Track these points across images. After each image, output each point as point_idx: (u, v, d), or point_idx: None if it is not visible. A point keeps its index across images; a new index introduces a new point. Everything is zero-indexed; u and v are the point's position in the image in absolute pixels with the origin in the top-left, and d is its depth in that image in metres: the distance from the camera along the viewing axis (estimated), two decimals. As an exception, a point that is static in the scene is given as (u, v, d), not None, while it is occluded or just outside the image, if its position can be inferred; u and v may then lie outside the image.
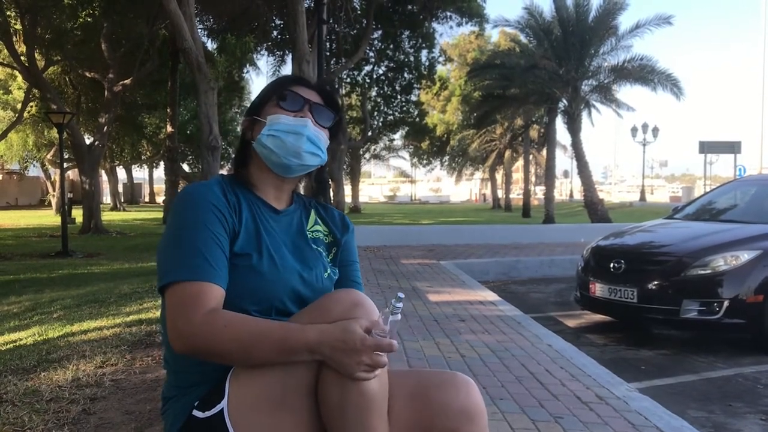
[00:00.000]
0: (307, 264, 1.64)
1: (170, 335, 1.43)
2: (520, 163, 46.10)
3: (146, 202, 54.38)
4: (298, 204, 1.76)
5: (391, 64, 26.33)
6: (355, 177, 45.81)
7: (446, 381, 1.52)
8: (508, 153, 43.17)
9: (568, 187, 63.06)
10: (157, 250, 1.56)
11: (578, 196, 40.70)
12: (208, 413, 1.45)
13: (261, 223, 1.62)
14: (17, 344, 4.83)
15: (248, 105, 1.73)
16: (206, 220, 1.50)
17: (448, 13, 23.52)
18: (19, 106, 26.38)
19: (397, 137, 47.20)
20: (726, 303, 5.33)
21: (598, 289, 6.04)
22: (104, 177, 40.97)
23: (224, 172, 1.83)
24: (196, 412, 1.47)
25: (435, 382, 1.50)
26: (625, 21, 61.79)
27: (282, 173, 1.65)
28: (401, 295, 1.41)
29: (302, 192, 1.84)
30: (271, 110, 1.64)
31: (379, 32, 24.17)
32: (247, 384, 1.42)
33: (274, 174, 1.66)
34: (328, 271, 1.69)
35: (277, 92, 1.66)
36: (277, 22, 22.52)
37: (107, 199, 42.26)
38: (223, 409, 1.42)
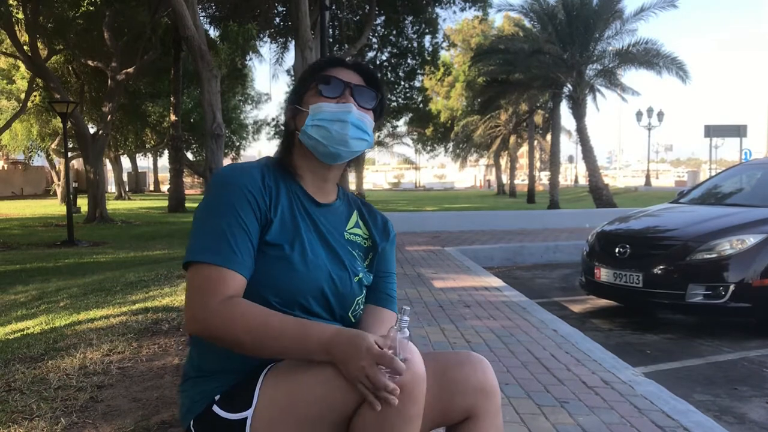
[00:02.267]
0: (340, 265, 1.60)
1: (185, 316, 1.43)
2: (524, 148, 46.04)
3: (151, 191, 54.46)
4: (343, 200, 1.72)
5: (395, 50, 26.25)
6: (359, 164, 45.28)
7: (462, 360, 1.54)
8: (512, 139, 43.05)
9: (572, 173, 62.90)
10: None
11: (583, 181, 40.63)
12: (230, 415, 1.43)
13: (299, 214, 1.58)
14: (25, 333, 4.86)
15: (252, 93, 1.71)
16: (237, 204, 1.48)
17: (452, -2, 23.40)
18: (22, 95, 26.41)
19: (401, 124, 47.21)
20: (732, 287, 5.32)
21: (604, 274, 6.03)
22: (109, 166, 41.10)
23: (268, 155, 1.79)
24: (217, 409, 1.46)
25: (452, 362, 1.51)
26: (629, 4, 61.34)
27: (330, 161, 1.62)
28: (407, 308, 1.40)
29: None
30: (313, 99, 1.60)
31: (382, 18, 24.06)
32: (279, 399, 1.40)
33: (319, 162, 1.62)
34: (360, 275, 1.64)
35: (316, 78, 1.62)
36: (280, 8, 22.44)
37: (112, 188, 42.39)
38: (247, 418, 1.41)
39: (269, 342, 1.38)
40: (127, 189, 42.37)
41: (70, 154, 23.05)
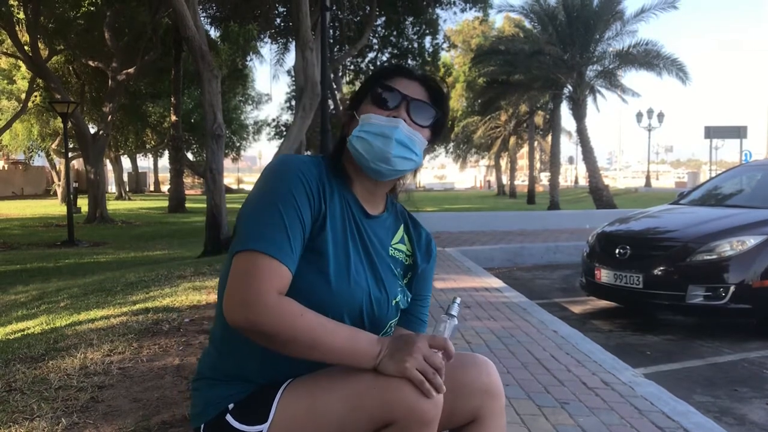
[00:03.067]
0: (380, 285, 1.53)
1: (231, 301, 1.34)
2: (525, 149, 46.04)
3: (151, 191, 54.48)
4: (391, 212, 1.64)
5: (395, 51, 26.19)
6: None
7: (468, 362, 1.54)
8: (512, 139, 43.06)
9: (573, 174, 62.89)
10: (239, 213, 1.46)
11: (583, 182, 40.61)
12: (245, 427, 1.41)
13: (348, 223, 1.51)
14: (25, 333, 4.86)
15: (252, 93, 1.68)
16: (297, 196, 1.40)
17: (452, -1, 23.38)
18: (23, 95, 26.44)
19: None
20: (732, 288, 5.32)
21: (604, 274, 6.03)
22: (109, 166, 41.09)
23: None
24: (230, 419, 1.43)
25: (457, 363, 1.48)
26: (630, 5, 61.33)
27: (373, 177, 1.53)
28: (458, 299, 1.41)
29: None
30: (367, 107, 1.52)
31: (383, 19, 24.03)
32: (297, 416, 1.38)
33: (366, 176, 1.54)
34: (399, 297, 1.58)
35: (374, 87, 1.53)
36: (280, 9, 22.41)
37: (112, 188, 42.38)
38: (262, 431, 1.40)
39: (325, 339, 1.34)
40: (127, 189, 42.40)
41: (70, 155, 23.07)
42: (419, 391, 1.32)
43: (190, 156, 38.19)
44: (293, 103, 25.34)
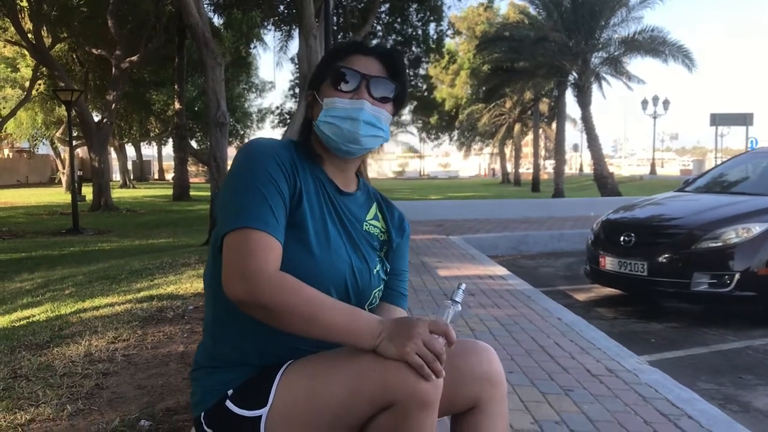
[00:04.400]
0: (360, 256, 1.57)
1: (231, 277, 1.35)
2: (529, 137, 45.90)
3: (155, 179, 54.49)
4: (363, 191, 1.68)
5: (399, 38, 26.07)
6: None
7: (468, 349, 1.53)
8: (517, 127, 42.92)
9: (577, 161, 62.72)
10: (217, 202, 1.49)
11: (588, 169, 40.50)
12: (244, 412, 1.41)
13: (324, 200, 1.55)
14: (30, 320, 4.88)
15: (256, 81, 1.68)
16: (273, 173, 1.44)
17: (457, -15, 23.25)
18: (27, 84, 26.40)
19: (406, 112, 47.01)
20: (737, 276, 5.30)
21: (608, 262, 6.02)
22: (113, 154, 41.02)
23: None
24: (230, 404, 1.44)
25: (457, 350, 1.47)
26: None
27: (343, 156, 1.58)
28: (463, 285, 1.40)
29: None
30: (328, 90, 1.55)
31: (387, 5, 23.91)
32: (297, 398, 1.38)
33: (335, 155, 1.58)
34: (378, 267, 1.62)
35: (332, 68, 1.56)
36: (284, -4, 22.33)
37: (117, 176, 42.35)
38: (262, 416, 1.39)
39: (325, 314, 1.34)
40: (131, 177, 42.42)
41: (74, 143, 22.94)
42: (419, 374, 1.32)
43: (194, 144, 38.15)
44: (297, 90, 25.29)
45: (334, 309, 1.36)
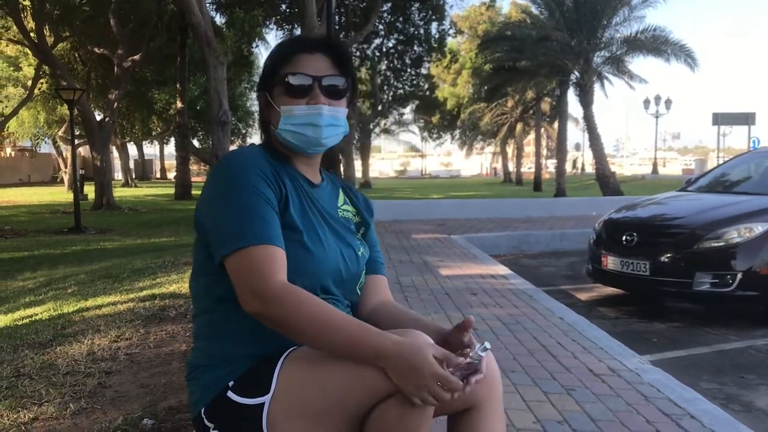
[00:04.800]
0: (345, 242, 1.62)
1: (245, 296, 1.39)
2: (531, 136, 45.83)
3: (157, 178, 54.52)
4: (328, 181, 1.72)
5: (401, 37, 26.12)
6: (365, 152, 45.60)
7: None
8: (519, 126, 42.88)
9: (579, 160, 62.66)
10: (201, 215, 1.51)
11: (590, 169, 40.45)
12: (247, 400, 1.41)
13: (303, 197, 1.58)
14: (33, 319, 4.88)
15: (257, 80, 1.68)
16: (257, 184, 1.46)
17: (459, -15, 23.24)
18: (29, 83, 26.44)
19: (407, 111, 47.04)
20: (739, 275, 5.30)
21: (610, 262, 6.02)
22: (115, 153, 41.06)
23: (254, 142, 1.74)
24: (231, 395, 1.44)
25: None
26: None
27: (307, 155, 1.62)
28: (488, 345, 1.37)
29: None
30: (282, 98, 1.56)
31: (389, 4, 23.93)
32: (299, 386, 1.39)
33: (301, 153, 1.62)
34: (361, 250, 1.67)
35: (281, 75, 1.56)
36: (286, -5, 22.34)
37: (119, 175, 42.40)
38: (264, 403, 1.40)
39: (328, 335, 1.36)
40: (133, 176, 42.44)
41: (76, 142, 22.98)
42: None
43: (196, 143, 38.13)
44: (299, 89, 25.24)
45: (340, 331, 1.36)
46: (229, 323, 1.50)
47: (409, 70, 30.00)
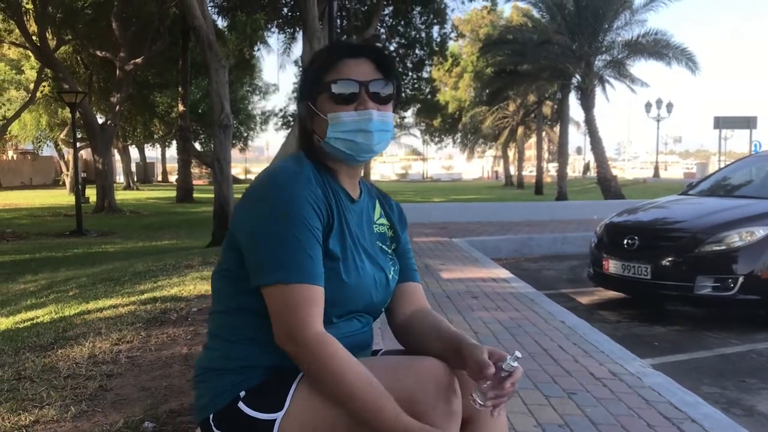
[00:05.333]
0: (379, 266, 1.58)
1: (281, 335, 1.38)
2: (532, 140, 45.80)
3: (159, 181, 54.57)
4: (365, 192, 1.66)
5: (403, 41, 26.08)
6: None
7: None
8: (520, 130, 42.87)
9: (581, 164, 62.64)
10: (239, 231, 1.46)
11: (591, 172, 40.46)
12: (258, 414, 1.40)
13: (344, 218, 1.53)
14: (34, 322, 4.89)
15: (259, 83, 1.66)
16: (308, 216, 1.41)
17: (460, -12, 23.29)
18: (31, 86, 26.48)
19: (409, 115, 47.05)
20: (741, 279, 5.29)
21: (612, 265, 6.02)
22: (117, 156, 41.19)
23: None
24: (243, 406, 1.43)
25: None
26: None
27: (355, 165, 1.58)
28: (519, 354, 1.37)
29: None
30: (328, 104, 1.51)
31: (390, 8, 23.93)
32: (314, 406, 1.38)
33: (346, 163, 1.57)
34: (392, 271, 1.64)
35: (326, 83, 1.51)
36: (288, -2, 22.36)
37: (120, 178, 42.47)
38: (276, 420, 1.39)
39: (350, 398, 1.34)
40: (135, 179, 42.48)
41: (78, 145, 23.04)
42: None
43: (197, 146, 38.25)
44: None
45: (363, 398, 1.33)
46: (252, 330, 1.48)
47: (410, 73, 29.96)
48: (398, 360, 1.49)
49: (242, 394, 1.44)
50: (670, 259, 5.64)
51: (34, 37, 19.20)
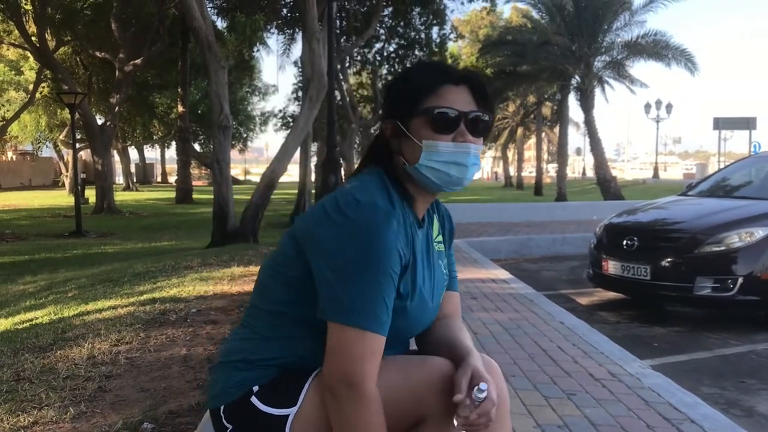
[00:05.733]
0: (434, 289, 1.56)
1: (333, 376, 1.36)
2: (532, 140, 45.85)
3: (158, 182, 54.56)
4: (427, 212, 1.63)
5: (402, 42, 26.09)
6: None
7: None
8: (520, 131, 42.90)
9: (580, 165, 62.66)
10: (328, 267, 1.38)
11: (591, 173, 40.47)
12: (271, 410, 1.41)
13: (415, 252, 1.49)
14: (33, 323, 4.88)
15: (259, 84, 1.65)
16: (393, 263, 1.37)
17: (460, -11, 23.28)
18: (31, 87, 26.49)
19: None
20: (740, 280, 5.29)
21: (611, 266, 6.02)
22: (116, 157, 41.16)
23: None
24: (255, 401, 1.43)
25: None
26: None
27: (441, 192, 1.55)
28: (483, 386, 1.38)
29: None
30: (424, 131, 1.44)
31: (390, 9, 23.93)
32: (324, 405, 1.39)
33: (427, 191, 1.53)
34: (443, 292, 1.63)
35: (428, 109, 1.45)
36: (287, -1, 22.37)
37: (120, 179, 42.48)
38: (289, 416, 1.40)
39: None
40: (134, 180, 42.50)
41: (78, 146, 23.02)
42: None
43: (197, 147, 38.21)
44: (300, 94, 25.31)
45: None
46: (288, 332, 1.48)
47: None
48: (409, 358, 1.50)
49: (255, 388, 1.45)
50: (669, 259, 5.64)
51: (33, 38, 19.19)
